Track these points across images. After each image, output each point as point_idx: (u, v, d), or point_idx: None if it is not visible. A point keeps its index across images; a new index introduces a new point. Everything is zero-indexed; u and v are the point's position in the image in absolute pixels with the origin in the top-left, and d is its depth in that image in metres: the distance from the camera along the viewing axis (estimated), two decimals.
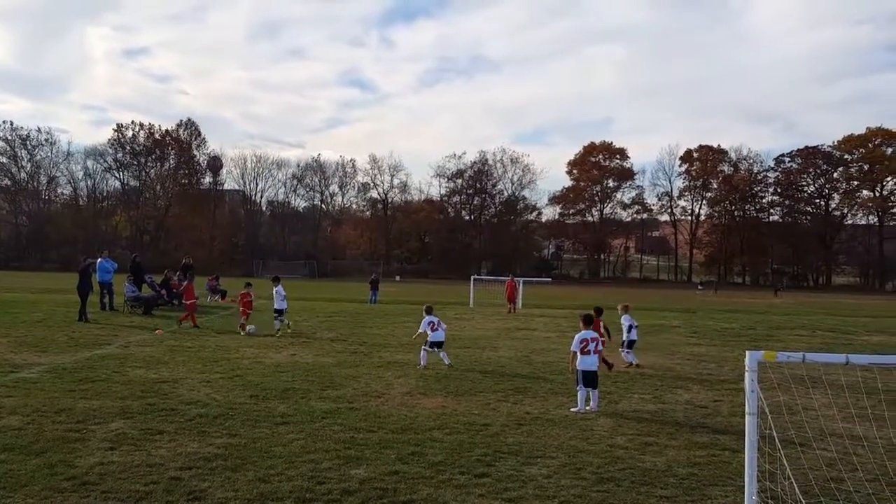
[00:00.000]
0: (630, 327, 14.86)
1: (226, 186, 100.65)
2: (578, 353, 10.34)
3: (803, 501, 5.34)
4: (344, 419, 9.09)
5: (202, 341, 16.62)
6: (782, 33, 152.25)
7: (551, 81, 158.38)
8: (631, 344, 14.75)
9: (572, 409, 10.13)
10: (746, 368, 5.65)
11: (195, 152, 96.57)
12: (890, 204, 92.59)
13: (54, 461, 6.89)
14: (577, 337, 10.50)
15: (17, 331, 17.43)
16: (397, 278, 76.66)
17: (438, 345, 13.76)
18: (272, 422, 8.82)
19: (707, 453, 8.04)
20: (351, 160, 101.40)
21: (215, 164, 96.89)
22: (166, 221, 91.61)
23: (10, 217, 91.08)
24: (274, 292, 19.69)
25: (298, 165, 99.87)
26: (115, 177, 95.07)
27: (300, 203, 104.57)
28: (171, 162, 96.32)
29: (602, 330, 13.02)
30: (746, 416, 5.72)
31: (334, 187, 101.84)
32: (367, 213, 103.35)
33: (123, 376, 11.66)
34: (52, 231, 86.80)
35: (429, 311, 14.06)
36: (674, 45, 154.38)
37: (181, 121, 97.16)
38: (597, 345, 10.48)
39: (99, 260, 23.80)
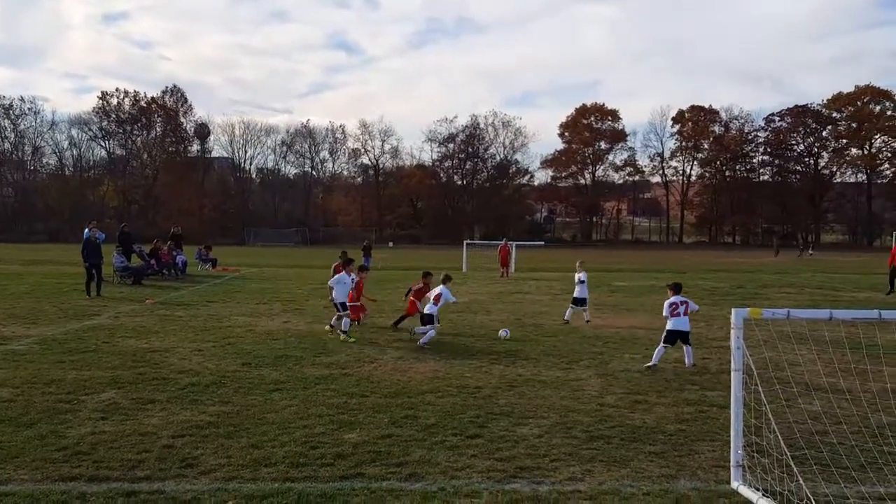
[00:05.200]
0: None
1: (214, 154, 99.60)
2: (670, 317, 10.84)
3: (788, 454, 5.43)
4: (337, 385, 9.15)
5: (193, 310, 16.62)
6: None
7: (539, 42, 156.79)
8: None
9: (646, 365, 10.56)
10: (732, 326, 5.70)
11: (182, 119, 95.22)
12: (878, 162, 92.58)
13: (45, 432, 6.91)
14: (665, 303, 11.02)
15: (4, 303, 17.36)
16: (390, 244, 76.60)
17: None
18: (265, 389, 8.87)
19: (695, 410, 8.15)
20: (341, 126, 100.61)
21: (203, 131, 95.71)
22: (154, 190, 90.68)
23: None
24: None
25: (287, 132, 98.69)
26: (101, 146, 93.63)
27: (290, 170, 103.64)
28: (158, 130, 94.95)
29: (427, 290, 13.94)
30: (732, 373, 5.79)
31: (324, 153, 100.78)
32: (359, 179, 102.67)
33: (114, 347, 11.66)
34: (38, 202, 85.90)
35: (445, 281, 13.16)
36: (663, 3, 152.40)
37: (167, 87, 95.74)
38: (686, 307, 10.92)
39: (87, 231, 23.59)
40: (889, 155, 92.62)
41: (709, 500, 5.50)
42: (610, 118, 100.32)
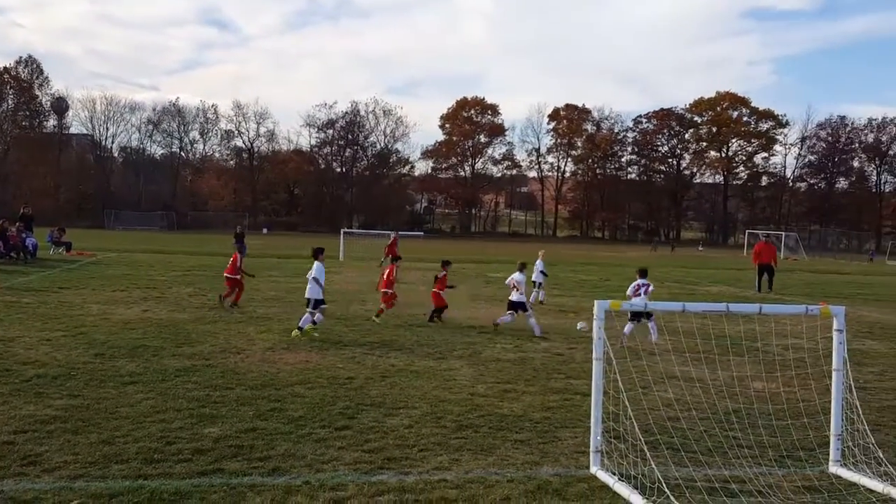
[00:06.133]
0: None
1: (72, 130, 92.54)
2: (632, 297, 12.47)
3: (642, 440, 5.71)
4: (199, 377, 8.72)
5: (43, 297, 15.32)
6: None
7: (421, 32, 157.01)
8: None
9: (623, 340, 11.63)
10: (594, 317, 5.93)
11: (37, 92, 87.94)
12: (734, 164, 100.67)
13: None
14: (631, 285, 12.97)
15: None
16: (265, 231, 74.33)
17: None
18: (119, 381, 8.30)
19: (560, 398, 8.45)
20: (213, 105, 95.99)
21: (60, 105, 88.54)
22: (4, 168, 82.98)
23: None
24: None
25: (154, 109, 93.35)
26: None
27: (157, 150, 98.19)
28: (10, 102, 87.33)
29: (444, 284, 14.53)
30: (594, 362, 6.03)
31: (195, 134, 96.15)
32: (232, 162, 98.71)
33: None
34: None
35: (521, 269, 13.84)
36: (542, 1, 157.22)
37: (20, 58, 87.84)
38: (647, 289, 12.63)
39: None
40: (744, 158, 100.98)
41: (569, 485, 5.69)
42: (490, 112, 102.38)
